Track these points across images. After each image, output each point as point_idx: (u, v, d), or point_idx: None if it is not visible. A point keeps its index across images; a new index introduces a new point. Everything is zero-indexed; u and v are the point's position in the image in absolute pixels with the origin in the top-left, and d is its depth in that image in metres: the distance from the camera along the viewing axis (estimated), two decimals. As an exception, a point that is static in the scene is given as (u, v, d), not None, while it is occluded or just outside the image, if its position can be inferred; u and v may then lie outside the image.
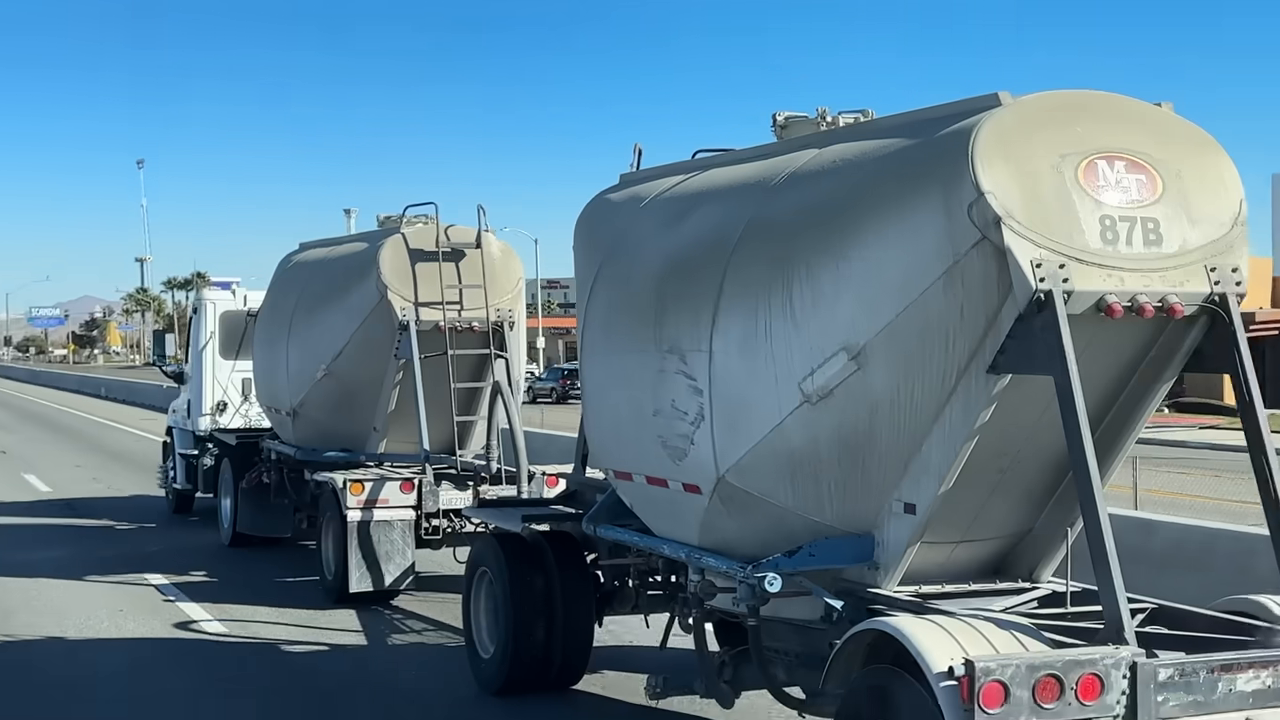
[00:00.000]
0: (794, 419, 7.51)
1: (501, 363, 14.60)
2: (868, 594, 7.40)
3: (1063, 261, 6.50)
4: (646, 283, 8.85)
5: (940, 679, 6.00)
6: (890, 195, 7.09)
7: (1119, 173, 6.74)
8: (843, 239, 7.26)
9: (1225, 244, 6.86)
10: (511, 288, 15.02)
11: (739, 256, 7.96)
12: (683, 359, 8.30)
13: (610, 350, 9.37)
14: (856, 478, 7.45)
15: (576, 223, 10.19)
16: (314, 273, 16.54)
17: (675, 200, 9.00)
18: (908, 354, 6.98)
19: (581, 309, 9.82)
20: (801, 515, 7.76)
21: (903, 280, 6.91)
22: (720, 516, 8.23)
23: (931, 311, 6.82)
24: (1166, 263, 6.71)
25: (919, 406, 7.06)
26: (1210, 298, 6.78)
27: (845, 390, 7.21)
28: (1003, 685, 5.86)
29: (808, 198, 7.69)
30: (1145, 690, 6.02)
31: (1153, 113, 7.12)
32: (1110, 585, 6.32)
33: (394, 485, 13.85)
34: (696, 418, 8.18)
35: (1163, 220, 6.75)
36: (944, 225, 6.70)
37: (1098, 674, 5.99)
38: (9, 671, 11.53)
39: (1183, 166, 6.90)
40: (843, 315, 7.21)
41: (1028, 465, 7.33)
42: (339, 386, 15.33)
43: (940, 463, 7.06)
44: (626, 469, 9.28)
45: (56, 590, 14.91)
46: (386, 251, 14.44)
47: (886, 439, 7.24)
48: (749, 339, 7.78)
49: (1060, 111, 6.90)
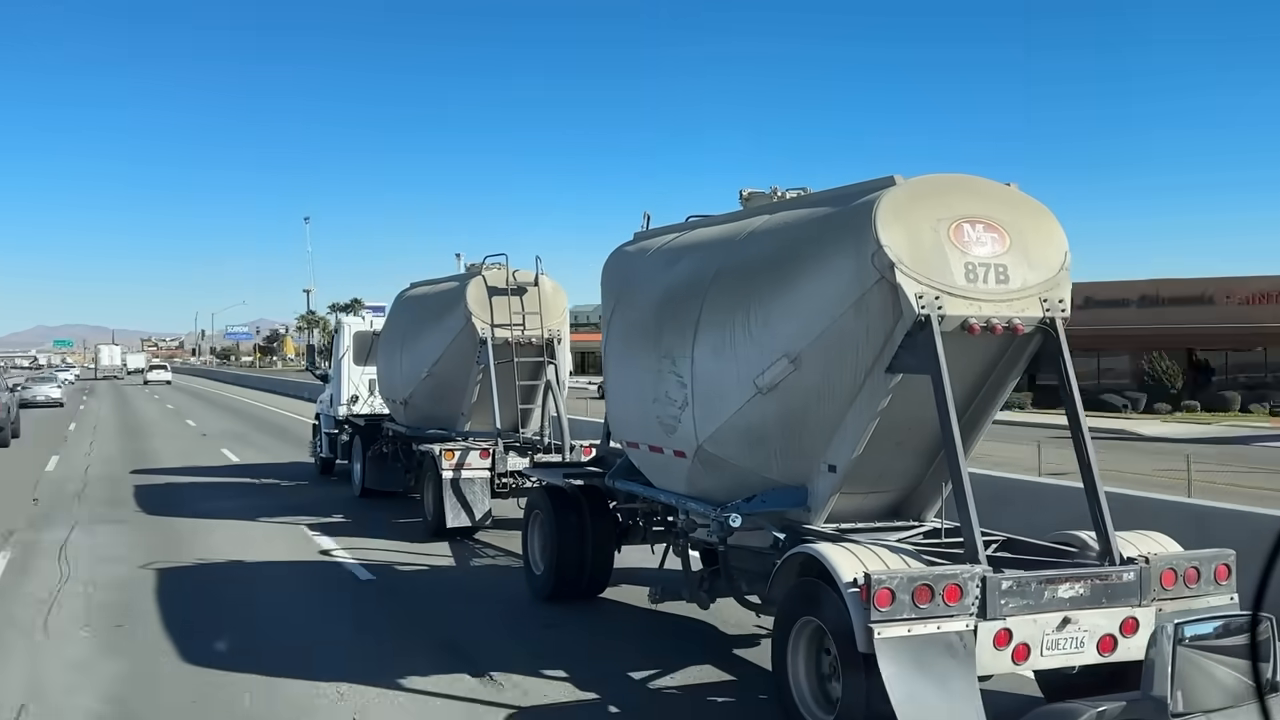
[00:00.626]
0: (750, 405, 7.55)
1: (552, 368, 14.59)
2: (803, 529, 7.41)
3: (938, 294, 6.57)
4: (649, 310, 8.87)
5: (847, 587, 6.08)
6: (818, 247, 7.13)
7: (979, 232, 6.79)
8: (785, 278, 7.30)
9: (1054, 282, 6.91)
10: (560, 314, 14.97)
11: (713, 291, 7.99)
12: (673, 362, 8.32)
13: (624, 357, 9.38)
14: (794, 446, 7.48)
15: (603, 267, 10.18)
16: (420, 303, 16.55)
17: (670, 251, 9.01)
18: (830, 359, 7.02)
19: (605, 328, 9.83)
20: (756, 473, 7.78)
21: (826, 307, 6.95)
22: (700, 474, 8.25)
23: (846, 329, 6.87)
24: (1012, 295, 6.77)
25: (838, 396, 7.09)
26: (1043, 320, 6.85)
27: (786, 385, 7.26)
28: (890, 591, 5.94)
29: (761, 250, 7.71)
30: (992, 595, 6.10)
31: (1003, 189, 7.16)
32: (969, 523, 6.40)
33: (475, 453, 13.83)
34: (683, 404, 8.21)
35: (1010, 266, 6.79)
36: (855, 268, 6.76)
37: (958, 584, 6.06)
38: (197, 582, 11.61)
39: (1025, 227, 6.95)
40: (784, 332, 7.24)
41: (917, 437, 7.34)
42: (437, 384, 15.34)
43: (853, 436, 7.09)
44: (635, 440, 9.31)
45: (233, 528, 14.95)
46: (471, 288, 14.45)
47: (815, 419, 7.27)
48: (719, 348, 7.81)
49: (937, 188, 6.96)
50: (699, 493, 8.36)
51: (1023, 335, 6.89)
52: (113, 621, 9.73)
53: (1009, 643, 6.16)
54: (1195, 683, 3.72)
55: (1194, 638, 3.86)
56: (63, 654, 8.74)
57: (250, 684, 7.88)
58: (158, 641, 9.15)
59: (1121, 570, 6.46)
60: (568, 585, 10.27)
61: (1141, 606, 6.44)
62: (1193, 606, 6.58)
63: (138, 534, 14.57)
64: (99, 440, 29.78)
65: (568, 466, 11.63)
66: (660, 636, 9.23)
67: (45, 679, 8.13)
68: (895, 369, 6.78)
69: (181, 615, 10.01)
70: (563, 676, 8.08)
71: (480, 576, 12.02)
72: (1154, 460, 20.98)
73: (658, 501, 9.26)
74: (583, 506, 10.29)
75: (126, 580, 11.48)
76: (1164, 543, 6.88)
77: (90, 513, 16.28)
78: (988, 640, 6.10)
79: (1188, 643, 3.85)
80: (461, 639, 9.19)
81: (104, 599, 10.64)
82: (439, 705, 7.47)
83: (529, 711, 7.28)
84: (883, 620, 5.91)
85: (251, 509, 16.58)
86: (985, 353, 7.09)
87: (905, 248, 6.61)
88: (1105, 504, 6.69)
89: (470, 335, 14.38)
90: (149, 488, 19.36)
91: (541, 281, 14.88)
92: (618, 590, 10.55)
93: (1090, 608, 6.32)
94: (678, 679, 8.06)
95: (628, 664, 8.35)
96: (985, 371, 7.25)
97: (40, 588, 11.08)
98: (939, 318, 6.54)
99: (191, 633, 9.36)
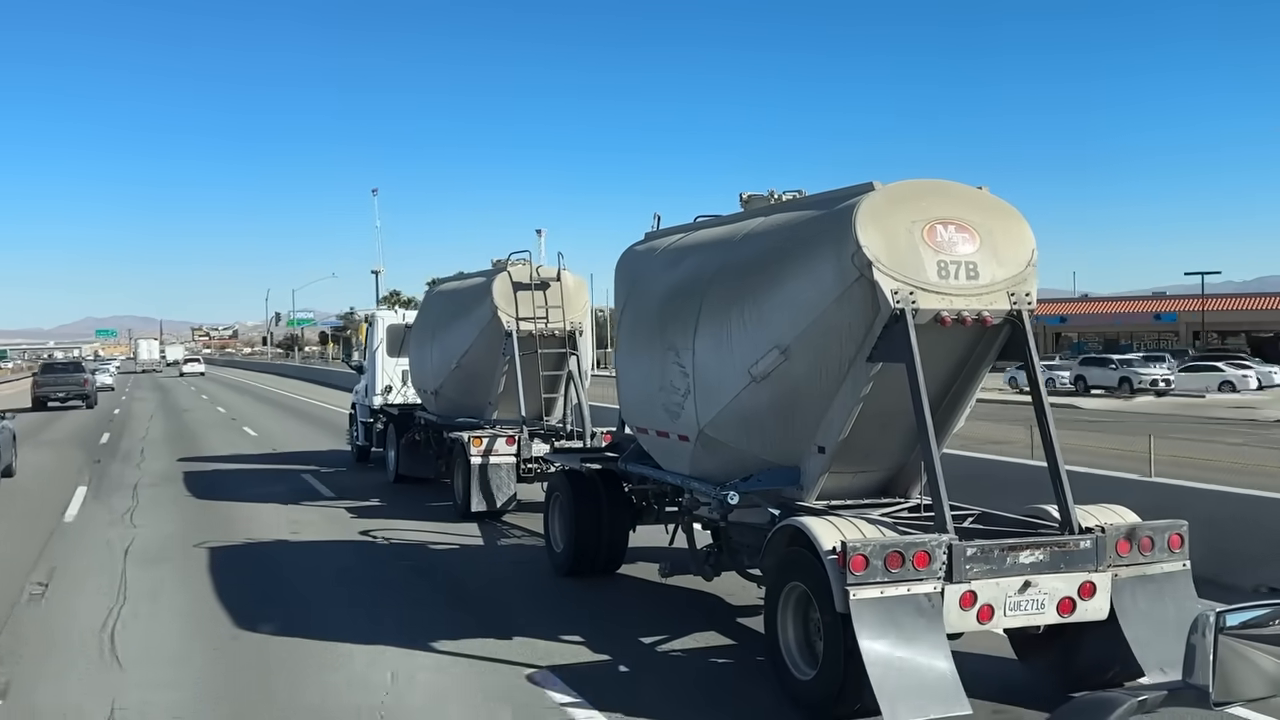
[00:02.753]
0: (746, 392, 8.08)
1: (574, 359, 15.11)
2: (796, 506, 7.88)
3: (912, 290, 7.08)
4: (656, 305, 9.39)
5: (827, 554, 6.65)
6: (805, 247, 7.65)
7: (950, 232, 7.29)
8: (776, 276, 7.83)
9: (1021, 278, 7.40)
10: (581, 307, 15.47)
11: (712, 288, 8.52)
12: (677, 354, 8.85)
13: (633, 349, 9.90)
14: (787, 430, 8.00)
15: (616, 264, 10.70)
16: (449, 298, 17.18)
17: (675, 250, 9.55)
18: (816, 350, 7.54)
19: (617, 322, 10.47)
20: (753, 454, 8.30)
21: (812, 302, 7.48)
22: (702, 456, 8.79)
23: (831, 322, 7.40)
24: (981, 290, 7.27)
25: (825, 383, 7.60)
26: (1010, 313, 7.37)
27: (777, 374, 7.78)
28: (864, 557, 6.49)
29: (755, 250, 8.22)
30: (958, 561, 6.64)
31: (975, 193, 7.63)
32: (938, 497, 6.94)
33: (502, 440, 14.35)
34: (685, 391, 8.75)
35: (979, 263, 7.30)
36: (836, 267, 7.29)
37: (926, 550, 6.61)
38: (245, 561, 12.29)
39: (994, 228, 7.44)
40: (775, 325, 7.76)
41: (900, 420, 7.70)
42: (465, 374, 15.89)
43: (840, 420, 7.61)
44: (644, 426, 9.83)
45: (274, 511, 15.63)
46: (497, 283, 14.96)
47: (805, 405, 7.80)
48: (717, 340, 8.35)
49: (912, 192, 7.44)
50: (702, 474, 8.92)
51: (991, 326, 7.43)
52: (173, 586, 10.53)
53: (974, 604, 6.72)
54: (1237, 671, 3.49)
55: (1236, 626, 3.61)
56: (123, 589, 9.53)
57: (296, 644, 8.63)
58: (211, 608, 9.94)
59: (1079, 539, 7.01)
60: (585, 562, 10.87)
61: (1098, 572, 7.00)
62: (1147, 572, 7.18)
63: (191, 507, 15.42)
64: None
65: (586, 452, 12.18)
66: (669, 607, 9.85)
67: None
68: (875, 358, 7.32)
69: (237, 584, 10.85)
70: (578, 640, 8.75)
71: (506, 554, 12.66)
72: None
73: (666, 483, 9.82)
74: (599, 489, 10.87)
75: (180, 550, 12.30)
76: (1123, 514, 7.42)
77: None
78: (954, 601, 6.66)
79: (1229, 631, 3.60)
80: (487, 608, 9.88)
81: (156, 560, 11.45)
82: (465, 664, 8.15)
83: (547, 670, 7.95)
84: (858, 583, 6.48)
85: (291, 493, 17.32)
86: (958, 343, 7.62)
87: (882, 248, 7.16)
88: (1066, 479, 7.23)
89: (496, 328, 14.92)
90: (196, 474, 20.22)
91: (564, 276, 15.42)
92: (633, 567, 11.15)
93: (1049, 573, 6.87)
94: (684, 643, 8.68)
95: (638, 630, 8.98)
96: (960, 360, 7.78)
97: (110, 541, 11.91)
98: (913, 311, 7.08)
99: (246, 599, 10.20)
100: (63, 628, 9.37)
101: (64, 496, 17.24)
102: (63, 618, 9.72)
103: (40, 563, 12.17)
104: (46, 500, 16.96)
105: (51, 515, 15.47)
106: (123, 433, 30.54)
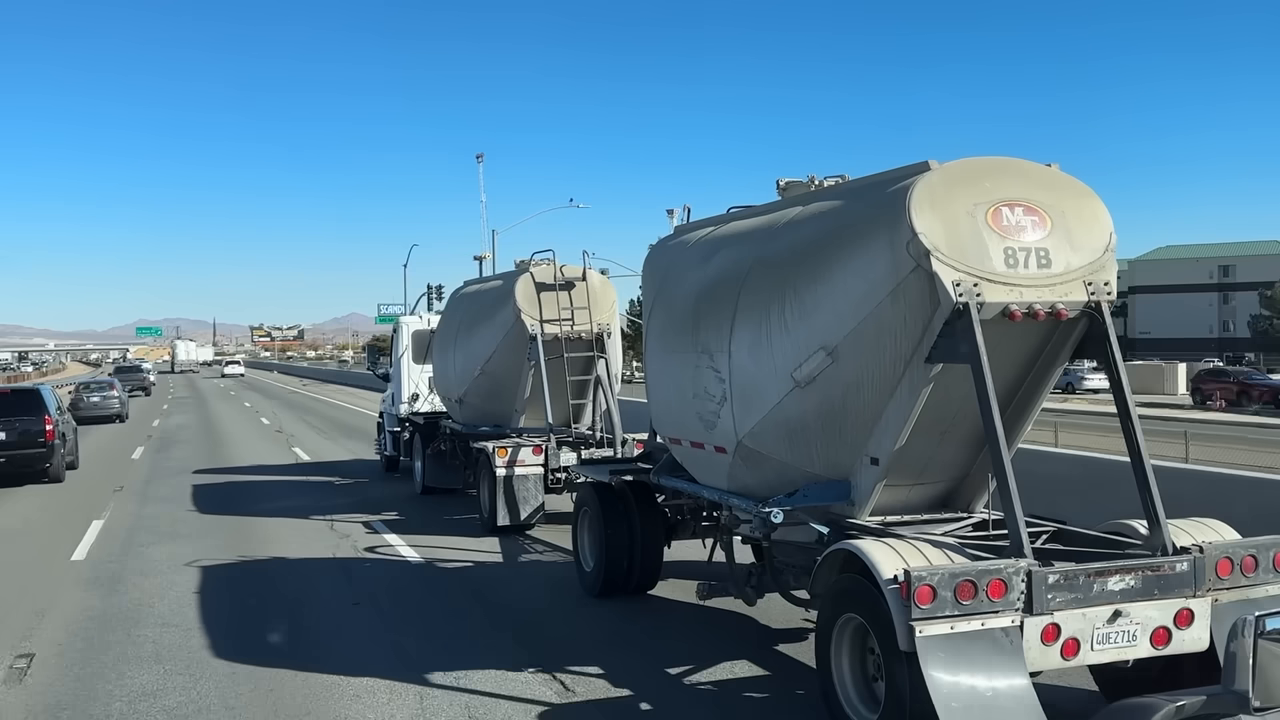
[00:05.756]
0: (789, 399, 7.36)
1: (602, 362, 14.47)
2: (846, 523, 7.19)
3: (976, 281, 6.32)
4: (687, 303, 8.69)
5: (888, 584, 5.89)
6: (852, 236, 6.90)
7: (1018, 215, 6.52)
8: (820, 269, 7.08)
9: (1099, 265, 6.62)
10: (608, 308, 14.83)
11: (749, 284, 7.80)
12: (711, 357, 8.16)
13: (663, 352, 9.21)
14: (835, 439, 7.27)
15: (644, 260, 10.04)
16: (471, 301, 16.58)
17: (708, 243, 8.82)
18: (868, 350, 6.80)
19: (645, 322, 9.70)
20: (798, 467, 7.58)
21: (862, 297, 6.73)
22: (740, 469, 8.09)
23: (884, 319, 6.65)
24: (1055, 280, 6.49)
25: (877, 387, 6.87)
26: (1088, 304, 6.58)
27: (824, 378, 7.06)
28: (932, 588, 5.73)
29: (797, 240, 7.49)
30: (1039, 589, 5.88)
31: (1043, 170, 6.87)
32: (1013, 516, 6.16)
33: (528, 449, 13.78)
34: (721, 399, 8.04)
35: (1051, 249, 6.52)
36: (890, 257, 6.53)
37: (1002, 578, 5.84)
38: (258, 580, 11.67)
39: (1066, 209, 6.66)
40: (820, 324, 7.04)
41: (962, 427, 7.08)
42: (490, 381, 15.30)
43: (895, 428, 6.86)
44: (676, 436, 9.14)
45: (307, 523, 15.08)
46: (520, 285, 14.37)
47: (855, 411, 7.05)
48: (756, 343, 7.63)
49: (973, 172, 6.68)
50: (740, 488, 8.19)
51: (1067, 320, 6.62)
52: (203, 594, 9.86)
53: (1057, 638, 5.94)
54: (1277, 676, 3.49)
55: (1277, 630, 3.62)
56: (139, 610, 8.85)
57: (314, 678, 7.94)
58: (236, 623, 9.48)
59: (1174, 560, 6.19)
60: (617, 582, 10.17)
61: (1196, 597, 6.19)
62: (1250, 596, 6.32)
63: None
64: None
65: (615, 463, 11.48)
66: (702, 631, 9.09)
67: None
68: (934, 359, 6.55)
69: (248, 607, 10.26)
70: (597, 673, 8.00)
71: (530, 571, 11.97)
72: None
73: (701, 498, 9.10)
74: (631, 503, 10.16)
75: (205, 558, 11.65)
76: (1221, 530, 6.60)
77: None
78: (1035, 636, 5.89)
79: (1270, 635, 3.61)
80: (507, 637, 9.12)
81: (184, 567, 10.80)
82: (477, 702, 7.40)
83: (559, 709, 7.20)
84: (924, 618, 5.71)
85: (322, 504, 16.78)
86: (1028, 340, 6.83)
87: (941, 234, 6.37)
88: (1156, 492, 6.40)
89: (520, 332, 14.31)
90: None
91: (589, 276, 14.81)
92: (666, 584, 10.42)
93: (1142, 600, 6.08)
94: (715, 674, 7.92)
95: (665, 659, 8.23)
96: (1030, 358, 6.98)
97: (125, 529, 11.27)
98: (978, 305, 6.30)
99: (258, 623, 9.66)
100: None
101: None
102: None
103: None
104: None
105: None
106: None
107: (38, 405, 20.55)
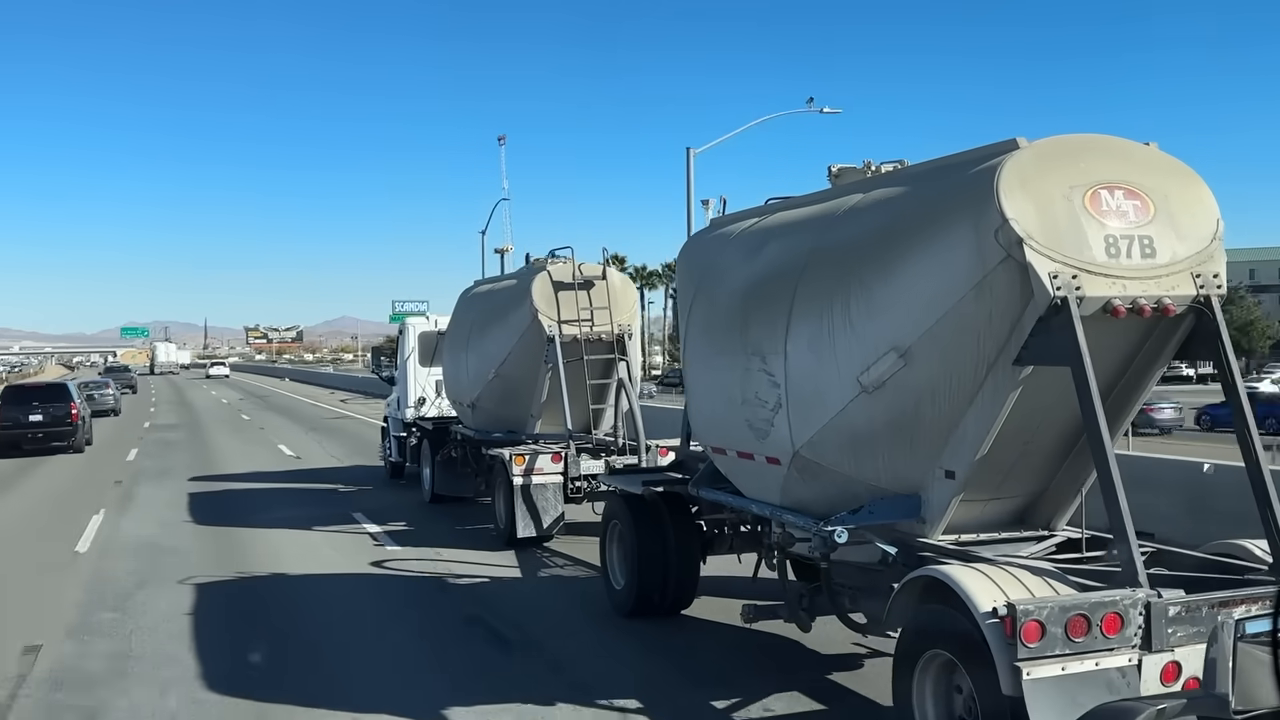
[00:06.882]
0: (854, 405, 6.66)
1: (623, 364, 13.76)
2: (916, 543, 6.55)
3: (1075, 273, 5.64)
4: (733, 300, 7.98)
5: (986, 618, 5.18)
6: (928, 223, 6.19)
7: (1118, 200, 5.85)
8: (889, 260, 6.38)
9: (1207, 254, 5.94)
10: (629, 308, 14.10)
11: (806, 277, 7.09)
12: (763, 360, 7.45)
13: (707, 353, 8.47)
14: (905, 451, 6.58)
15: (679, 256, 9.39)
16: (484, 301, 15.86)
17: (753, 235, 8.10)
18: (946, 352, 6.12)
19: (684, 322, 9.00)
20: (862, 481, 6.90)
21: (941, 292, 6.03)
22: (796, 482, 7.38)
23: (965, 317, 5.96)
24: (1160, 271, 5.82)
25: (955, 394, 6.19)
26: (1197, 299, 5.88)
27: (895, 382, 6.37)
28: (1040, 623, 5.04)
29: (859, 229, 6.79)
30: (1158, 624, 5.19)
31: (1143, 150, 6.17)
32: (1125, 538, 5.45)
33: (546, 457, 13.08)
34: (775, 405, 7.33)
35: (1156, 237, 5.85)
36: (975, 246, 5.83)
37: (1119, 613, 5.15)
38: (271, 594, 11.03)
39: (1170, 193, 5.98)
40: (891, 322, 6.34)
41: (1046, 436, 6.45)
42: (504, 384, 14.58)
43: (974, 438, 6.19)
44: (721, 445, 8.42)
45: (307, 536, 14.46)
46: (536, 284, 13.68)
47: (929, 420, 6.37)
48: (816, 343, 6.92)
49: (1068, 151, 5.98)
50: (795, 503, 7.49)
51: (1173, 316, 5.92)
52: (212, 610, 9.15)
53: (1178, 677, 5.25)
54: (1257, 680, 3.56)
55: (1256, 634, 3.76)
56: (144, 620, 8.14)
57: (320, 674, 7.28)
58: (236, 634, 9.20)
59: (1308, 587, 5.47)
60: (651, 601, 9.46)
61: (1332, 630, 5.45)
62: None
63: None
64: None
65: (647, 473, 10.76)
66: (745, 657, 8.40)
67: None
68: (1025, 360, 5.85)
69: (243, 632, 9.51)
70: (636, 707, 7.30)
71: (552, 588, 11.28)
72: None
73: (749, 513, 8.39)
74: (664, 516, 9.45)
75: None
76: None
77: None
78: (1154, 675, 5.21)
79: (1250, 639, 3.73)
80: (530, 663, 8.42)
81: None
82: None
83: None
84: (1031, 658, 5.01)
85: (321, 515, 16.06)
86: (1127, 338, 6.14)
87: (1035, 220, 5.68)
88: (1278, 508, 5.69)
89: (537, 333, 13.62)
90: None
91: (609, 274, 14.12)
92: (700, 602, 9.72)
93: (1271, 634, 5.35)
94: (761, 709, 7.22)
95: (710, 689, 7.55)
96: (1127, 359, 6.29)
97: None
98: (1077, 299, 5.61)
99: (260, 641, 9.10)
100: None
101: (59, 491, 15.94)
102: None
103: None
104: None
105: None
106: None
107: (65, 395, 27.86)
